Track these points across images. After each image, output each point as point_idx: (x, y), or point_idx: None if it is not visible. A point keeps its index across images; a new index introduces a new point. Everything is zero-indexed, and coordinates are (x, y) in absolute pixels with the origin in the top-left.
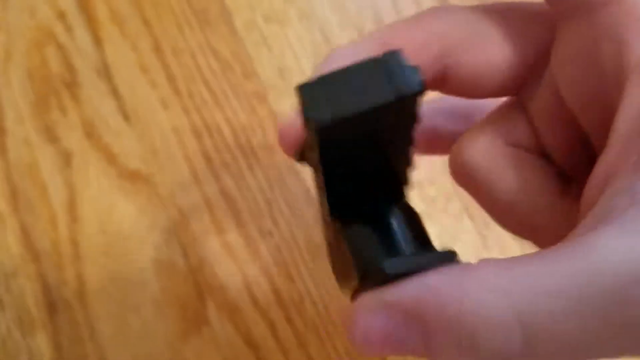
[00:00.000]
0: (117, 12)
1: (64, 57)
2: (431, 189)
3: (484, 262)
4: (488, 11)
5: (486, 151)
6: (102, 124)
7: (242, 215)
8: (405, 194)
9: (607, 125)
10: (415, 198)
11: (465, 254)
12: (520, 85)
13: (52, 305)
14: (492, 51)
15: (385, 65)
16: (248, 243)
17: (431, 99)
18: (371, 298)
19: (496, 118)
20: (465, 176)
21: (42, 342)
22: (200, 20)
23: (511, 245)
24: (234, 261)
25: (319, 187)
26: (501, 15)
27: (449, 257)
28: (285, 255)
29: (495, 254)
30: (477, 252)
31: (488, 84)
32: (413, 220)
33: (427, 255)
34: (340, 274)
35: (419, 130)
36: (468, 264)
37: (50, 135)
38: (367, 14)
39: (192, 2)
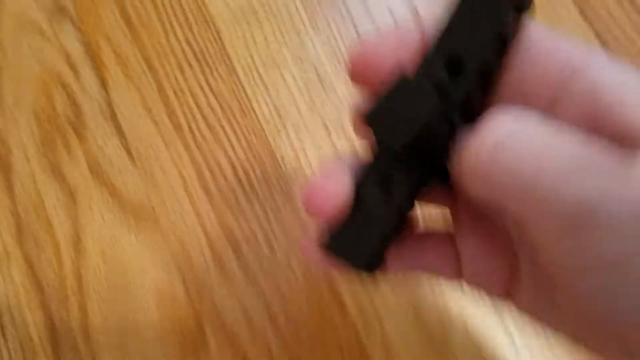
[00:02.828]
0: (121, 55)
1: (70, 99)
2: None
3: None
4: None
5: None
6: (106, 161)
7: (241, 246)
8: None
9: None
10: None
11: None
12: None
13: (55, 336)
14: None
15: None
16: (246, 272)
17: None
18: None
19: None
20: None
21: None
22: (200, 62)
23: None
24: (232, 290)
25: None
26: None
27: None
28: (280, 282)
29: None
30: None
31: None
32: None
33: None
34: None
35: None
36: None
37: (56, 173)
38: None
39: (193, 45)
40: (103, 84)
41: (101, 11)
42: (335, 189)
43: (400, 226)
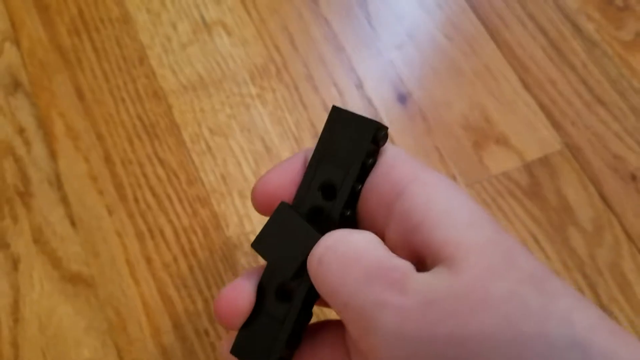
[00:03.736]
0: (72, 128)
1: (19, 169)
2: None
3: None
4: None
5: None
6: (50, 230)
7: (179, 316)
8: None
9: None
10: None
11: None
12: None
13: None
14: None
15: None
16: (183, 343)
17: None
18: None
19: None
20: None
21: None
22: (150, 134)
23: None
24: None
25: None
26: None
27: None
28: (219, 356)
29: None
30: None
31: None
32: None
33: None
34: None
35: None
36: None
37: (0, 242)
38: (304, 126)
39: (143, 118)
40: (53, 155)
41: (55, 87)
42: (238, 298)
43: (301, 331)
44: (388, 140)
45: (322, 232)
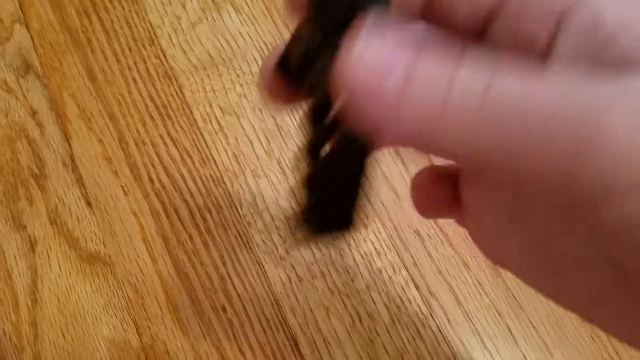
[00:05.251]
0: (85, 110)
1: (33, 151)
2: (378, 260)
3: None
4: None
5: None
6: (66, 210)
7: (196, 292)
8: None
9: None
10: (362, 269)
11: (410, 323)
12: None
13: None
14: None
15: None
16: (201, 319)
17: None
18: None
19: None
20: None
21: None
22: (162, 114)
23: (455, 315)
24: (186, 338)
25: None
26: None
27: None
28: (237, 329)
29: (441, 321)
30: (423, 321)
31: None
32: None
33: None
34: None
35: None
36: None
37: (17, 224)
38: None
39: (155, 99)
40: (66, 137)
41: (67, 69)
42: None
43: None
44: None
45: None
